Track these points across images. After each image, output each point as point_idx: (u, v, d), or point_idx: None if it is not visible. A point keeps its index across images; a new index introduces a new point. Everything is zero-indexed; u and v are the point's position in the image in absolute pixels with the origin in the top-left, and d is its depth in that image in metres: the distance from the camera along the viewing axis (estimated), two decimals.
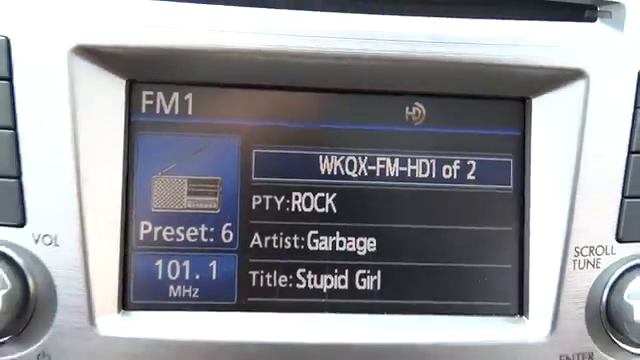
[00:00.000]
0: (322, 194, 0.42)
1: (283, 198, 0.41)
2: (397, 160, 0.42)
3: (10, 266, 0.39)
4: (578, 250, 0.40)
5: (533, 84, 0.42)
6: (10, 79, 0.38)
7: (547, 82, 0.41)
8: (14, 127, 0.38)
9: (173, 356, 0.39)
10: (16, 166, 0.38)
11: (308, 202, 0.41)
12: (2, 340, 0.39)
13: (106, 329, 0.39)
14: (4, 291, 0.37)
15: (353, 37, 0.39)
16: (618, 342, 0.41)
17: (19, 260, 0.39)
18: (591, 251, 0.41)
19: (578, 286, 0.41)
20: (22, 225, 0.39)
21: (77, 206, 0.38)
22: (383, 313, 0.41)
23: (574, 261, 0.40)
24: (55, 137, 0.38)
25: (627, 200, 0.41)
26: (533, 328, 0.41)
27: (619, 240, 0.41)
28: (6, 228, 0.39)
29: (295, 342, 0.39)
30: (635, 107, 0.41)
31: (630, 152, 0.41)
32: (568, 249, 0.40)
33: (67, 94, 0.38)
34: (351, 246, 0.42)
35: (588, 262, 0.41)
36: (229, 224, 0.41)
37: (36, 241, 0.39)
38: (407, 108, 0.42)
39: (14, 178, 0.38)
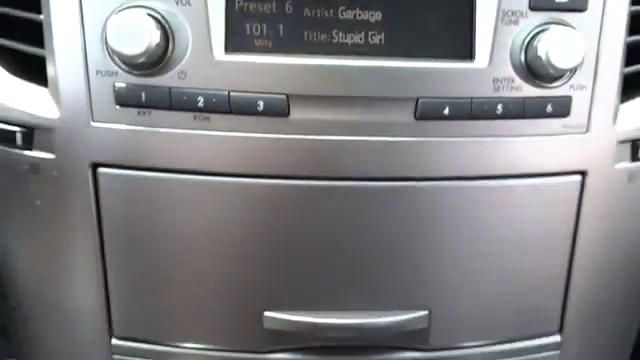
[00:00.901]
0: None
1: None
2: None
3: (160, 23, 0.64)
4: (505, 12, 0.64)
5: None
6: None
7: None
8: None
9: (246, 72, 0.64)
10: None
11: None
12: (156, 69, 0.65)
13: (218, 57, 0.64)
14: (159, 31, 0.62)
15: None
16: (528, 74, 0.65)
17: (165, 17, 0.64)
18: (513, 14, 0.64)
19: (505, 36, 0.64)
20: None
21: None
22: (385, 57, 0.66)
23: (502, 19, 0.64)
24: None
25: None
26: (478, 65, 0.65)
27: (531, 8, 0.65)
28: None
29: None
30: None
31: None
32: (499, 13, 0.64)
33: None
34: (366, 16, 0.65)
35: (511, 21, 0.65)
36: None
37: (177, 3, 0.64)
38: None
39: None
